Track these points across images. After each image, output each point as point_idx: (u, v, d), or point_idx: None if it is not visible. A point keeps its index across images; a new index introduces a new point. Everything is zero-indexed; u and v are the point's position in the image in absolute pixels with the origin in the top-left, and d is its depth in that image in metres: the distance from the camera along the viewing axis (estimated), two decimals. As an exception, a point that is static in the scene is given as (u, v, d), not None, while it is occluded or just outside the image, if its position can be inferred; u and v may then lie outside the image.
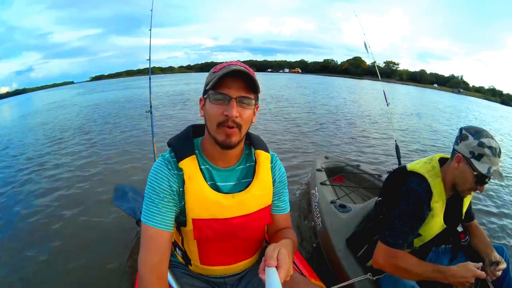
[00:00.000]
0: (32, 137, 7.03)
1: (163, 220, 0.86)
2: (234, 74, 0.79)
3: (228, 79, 0.79)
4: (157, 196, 0.86)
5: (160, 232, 0.85)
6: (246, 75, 0.80)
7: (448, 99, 29.33)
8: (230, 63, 0.84)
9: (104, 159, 4.79)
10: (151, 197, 0.86)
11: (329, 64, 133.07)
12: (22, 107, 19.15)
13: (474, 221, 1.44)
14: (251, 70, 0.84)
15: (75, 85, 74.91)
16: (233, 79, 0.80)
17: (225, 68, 0.81)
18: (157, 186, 0.86)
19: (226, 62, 0.85)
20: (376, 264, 1.23)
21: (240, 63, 0.85)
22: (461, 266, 1.07)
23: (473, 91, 75.41)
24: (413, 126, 8.91)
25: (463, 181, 1.17)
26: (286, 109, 10.79)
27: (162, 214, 0.86)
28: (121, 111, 10.40)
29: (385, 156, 5.29)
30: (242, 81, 0.81)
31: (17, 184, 3.91)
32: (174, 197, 0.88)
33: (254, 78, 0.81)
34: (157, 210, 0.85)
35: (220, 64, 0.85)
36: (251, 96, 0.84)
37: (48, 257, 2.28)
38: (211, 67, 0.89)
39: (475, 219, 1.46)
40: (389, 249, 1.17)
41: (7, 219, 2.95)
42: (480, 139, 1.11)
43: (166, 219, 0.86)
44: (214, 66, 0.87)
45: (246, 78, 0.81)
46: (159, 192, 0.86)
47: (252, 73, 0.83)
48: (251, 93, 0.84)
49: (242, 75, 0.80)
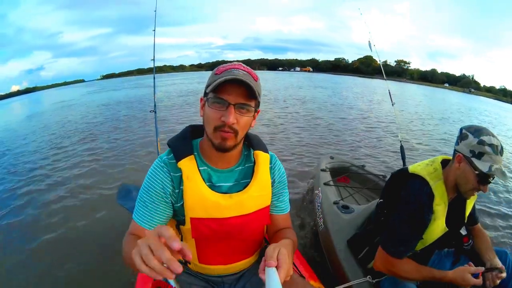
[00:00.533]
0: (35, 138, 7.08)
1: (149, 220, 0.88)
2: (235, 81, 0.78)
3: (229, 84, 0.78)
4: (149, 197, 0.88)
5: (141, 229, 0.87)
6: (245, 84, 0.79)
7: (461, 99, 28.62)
8: (233, 66, 0.83)
9: (108, 159, 4.84)
10: (142, 197, 0.90)
11: (340, 62, 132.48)
12: (30, 106, 19.48)
13: (478, 225, 1.42)
14: (254, 74, 0.84)
15: (86, 83, 75.67)
16: (234, 84, 0.79)
17: (227, 71, 0.80)
18: (150, 188, 0.88)
19: (229, 65, 0.84)
20: (376, 268, 1.24)
21: (243, 66, 0.84)
22: (457, 272, 1.07)
23: (484, 91, 73.99)
24: (421, 127, 8.79)
25: (465, 181, 1.14)
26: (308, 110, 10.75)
27: (149, 214, 0.88)
28: (129, 112, 10.30)
29: (391, 156, 5.25)
30: (243, 88, 0.80)
31: (19, 181, 3.97)
32: (167, 200, 0.89)
33: (254, 87, 0.80)
34: (145, 210, 0.88)
35: (223, 66, 0.84)
36: (250, 103, 0.83)
37: (50, 256, 2.30)
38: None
39: (479, 223, 1.43)
40: (387, 257, 1.16)
41: (6, 218, 2.99)
42: (480, 137, 1.09)
43: (152, 220, 0.88)
44: (217, 67, 0.86)
45: (247, 85, 0.79)
46: (152, 194, 0.88)
47: (254, 78, 0.82)
48: (251, 100, 0.83)
49: (243, 82, 0.79)
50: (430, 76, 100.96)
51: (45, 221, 2.86)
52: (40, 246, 2.46)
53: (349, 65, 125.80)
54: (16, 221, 2.90)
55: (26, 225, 2.82)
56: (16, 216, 3.01)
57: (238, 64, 0.85)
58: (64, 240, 2.54)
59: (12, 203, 3.33)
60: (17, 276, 2.12)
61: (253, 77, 0.82)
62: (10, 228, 2.80)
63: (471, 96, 45.27)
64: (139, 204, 0.90)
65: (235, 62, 0.87)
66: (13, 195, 3.59)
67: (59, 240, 2.53)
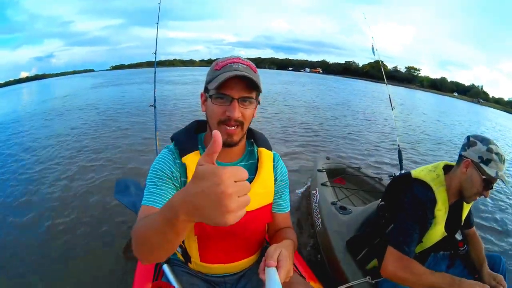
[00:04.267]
0: (33, 129, 6.83)
1: (161, 200, 0.82)
2: (236, 78, 0.79)
3: (231, 79, 0.79)
4: (159, 179, 0.85)
5: (153, 210, 0.78)
6: (247, 78, 0.79)
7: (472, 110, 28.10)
8: (232, 60, 0.83)
9: (106, 153, 4.79)
10: (152, 180, 0.85)
11: (350, 66, 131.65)
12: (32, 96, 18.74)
13: (473, 229, 1.44)
14: (253, 66, 0.85)
15: (95, 73, 75.34)
16: (236, 79, 0.79)
17: (227, 67, 0.81)
18: (160, 170, 0.86)
19: (228, 59, 0.84)
20: (385, 273, 1.18)
21: (241, 60, 0.85)
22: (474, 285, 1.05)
23: (492, 102, 73.20)
24: (422, 134, 8.76)
25: (470, 186, 1.19)
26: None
27: (160, 194, 0.83)
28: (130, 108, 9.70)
29: (389, 159, 5.30)
30: (245, 81, 0.81)
31: (17, 176, 3.87)
32: (176, 183, 0.87)
33: (256, 80, 0.81)
34: (155, 190, 0.83)
35: (222, 61, 0.85)
36: (252, 96, 0.84)
37: (49, 252, 2.27)
38: None
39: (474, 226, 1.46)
40: (402, 257, 1.14)
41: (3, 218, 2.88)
42: (489, 145, 1.16)
43: (163, 200, 0.82)
44: (215, 62, 0.87)
45: (249, 79, 0.80)
46: (162, 175, 0.85)
47: (253, 70, 0.83)
48: (253, 92, 0.84)
49: (245, 77, 0.79)
50: (440, 84, 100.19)
51: (37, 217, 2.79)
52: (32, 243, 2.39)
53: (359, 68, 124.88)
54: (11, 220, 2.80)
55: (21, 222, 2.74)
56: (10, 214, 2.91)
57: (237, 57, 0.85)
58: (57, 237, 2.46)
59: (5, 200, 3.21)
60: (17, 277, 2.05)
61: (253, 69, 0.83)
62: (7, 227, 2.69)
63: (481, 107, 44.65)
64: (150, 187, 0.84)
65: (233, 56, 0.87)
66: (8, 189, 3.50)
67: (53, 237, 2.46)
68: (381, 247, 1.32)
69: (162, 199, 0.82)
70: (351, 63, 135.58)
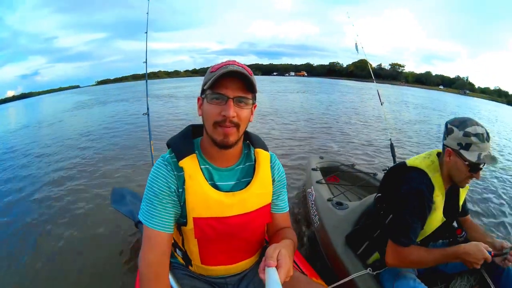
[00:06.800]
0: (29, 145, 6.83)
1: (161, 222, 0.86)
2: (232, 75, 0.79)
3: (226, 79, 0.79)
4: (156, 197, 0.86)
5: (158, 234, 0.85)
6: (243, 75, 0.80)
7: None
8: (228, 62, 0.84)
9: (101, 163, 4.78)
10: (150, 199, 0.87)
11: (335, 67, 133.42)
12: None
13: (468, 216, 1.45)
14: (249, 69, 0.85)
15: (80, 89, 74.84)
16: (231, 79, 0.80)
17: (222, 67, 0.81)
18: (156, 188, 0.86)
19: (224, 62, 0.85)
20: (389, 265, 1.24)
21: (237, 63, 0.85)
22: (472, 245, 1.08)
23: (478, 92, 74.64)
24: (411, 125, 8.95)
25: (457, 173, 1.19)
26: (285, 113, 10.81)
27: (160, 216, 0.86)
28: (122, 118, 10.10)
29: (381, 154, 5.36)
30: (240, 81, 0.81)
31: (15, 185, 3.92)
32: (173, 198, 0.87)
33: (251, 79, 0.82)
34: (155, 212, 0.86)
35: (217, 64, 0.85)
36: (248, 96, 0.84)
37: (48, 260, 2.28)
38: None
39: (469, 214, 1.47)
40: (402, 249, 1.17)
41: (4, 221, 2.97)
42: (465, 129, 1.13)
43: (164, 221, 0.86)
44: (212, 65, 0.87)
45: (244, 78, 0.81)
46: (158, 193, 0.86)
47: (249, 73, 0.83)
48: (248, 93, 0.84)
49: (240, 75, 0.80)
50: (425, 79, 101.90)
51: (37, 226, 2.84)
52: (34, 250, 2.44)
53: (344, 69, 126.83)
54: (11, 224, 2.89)
55: (18, 228, 2.81)
56: (11, 220, 2.98)
57: (232, 61, 0.86)
58: (59, 243, 2.51)
59: (5, 207, 3.31)
60: (17, 278, 2.11)
61: (248, 72, 0.83)
62: (7, 230, 2.80)
63: (466, 97, 45.45)
64: (148, 207, 0.87)
65: (229, 60, 0.87)
66: (8, 196, 3.59)
67: (54, 244, 2.50)
68: (381, 239, 1.34)
69: (161, 221, 0.86)
70: (335, 64, 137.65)
